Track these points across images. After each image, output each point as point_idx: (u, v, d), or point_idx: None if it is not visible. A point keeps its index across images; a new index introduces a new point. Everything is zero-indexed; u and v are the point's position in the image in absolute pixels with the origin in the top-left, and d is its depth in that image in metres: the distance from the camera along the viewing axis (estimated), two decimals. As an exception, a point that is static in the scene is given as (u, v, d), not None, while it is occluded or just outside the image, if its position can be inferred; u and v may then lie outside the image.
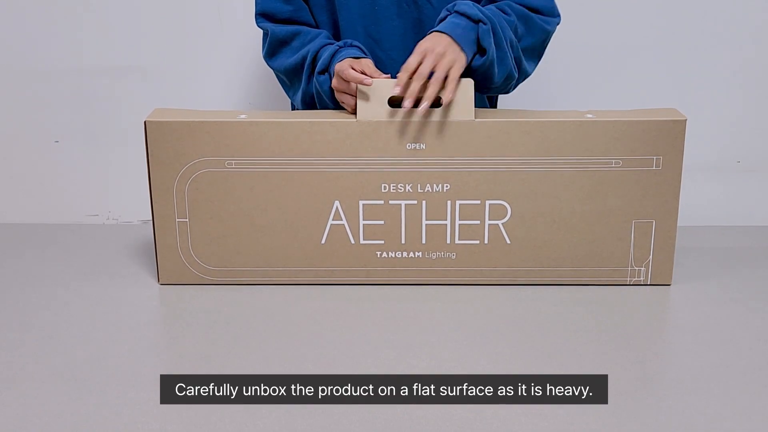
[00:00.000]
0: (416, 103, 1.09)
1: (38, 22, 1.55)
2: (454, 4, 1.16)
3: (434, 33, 1.12)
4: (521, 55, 1.19)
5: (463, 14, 1.14)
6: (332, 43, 1.21)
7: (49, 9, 1.54)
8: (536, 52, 1.23)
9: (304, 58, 1.20)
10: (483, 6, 1.20)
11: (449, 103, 1.10)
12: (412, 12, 1.23)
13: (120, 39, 1.56)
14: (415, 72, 1.09)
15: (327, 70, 1.18)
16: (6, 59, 1.56)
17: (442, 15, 1.17)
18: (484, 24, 1.13)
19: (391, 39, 1.24)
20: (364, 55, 1.17)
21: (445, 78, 1.10)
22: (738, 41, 1.55)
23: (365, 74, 1.12)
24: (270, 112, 1.19)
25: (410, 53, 1.14)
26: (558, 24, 1.23)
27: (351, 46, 1.19)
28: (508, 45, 1.16)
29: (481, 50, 1.14)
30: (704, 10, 1.53)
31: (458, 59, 1.11)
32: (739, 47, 1.55)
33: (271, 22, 1.25)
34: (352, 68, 1.12)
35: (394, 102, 1.11)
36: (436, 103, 1.11)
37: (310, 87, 1.21)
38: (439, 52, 1.10)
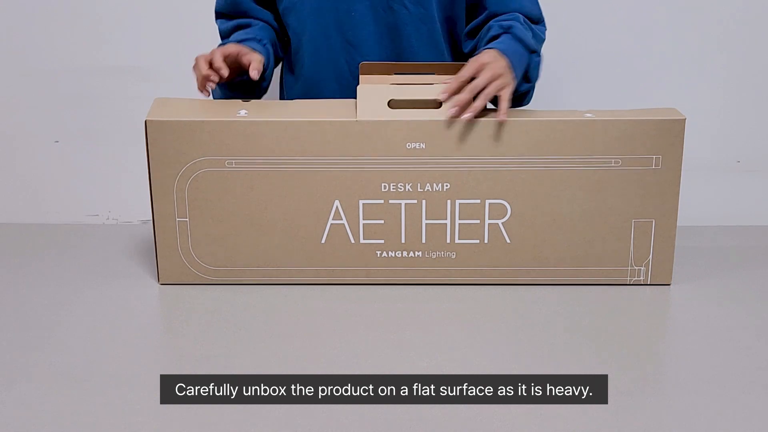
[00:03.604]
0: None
1: (38, 22, 1.55)
2: (510, 26, 1.16)
3: (493, 51, 1.12)
4: None
5: (520, 40, 1.15)
6: (252, 35, 1.22)
7: (49, 9, 1.54)
8: None
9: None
10: (483, 16, 1.22)
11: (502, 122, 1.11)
12: (388, 17, 1.24)
13: (120, 39, 1.56)
14: (465, 83, 1.10)
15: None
16: (6, 59, 1.56)
17: (495, 32, 1.17)
18: (537, 56, 1.16)
19: (368, 44, 1.25)
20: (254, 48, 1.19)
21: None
22: (738, 41, 1.55)
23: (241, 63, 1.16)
24: (268, 102, 1.19)
25: (387, 58, 1.20)
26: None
27: (259, 41, 1.21)
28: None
29: (525, 78, 1.17)
30: (704, 10, 1.53)
31: (510, 84, 1.12)
32: (739, 47, 1.55)
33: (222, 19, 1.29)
34: (221, 55, 1.14)
35: (394, 103, 1.12)
36: (439, 104, 1.12)
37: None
38: (497, 72, 1.10)
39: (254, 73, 1.15)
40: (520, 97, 1.22)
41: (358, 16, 1.23)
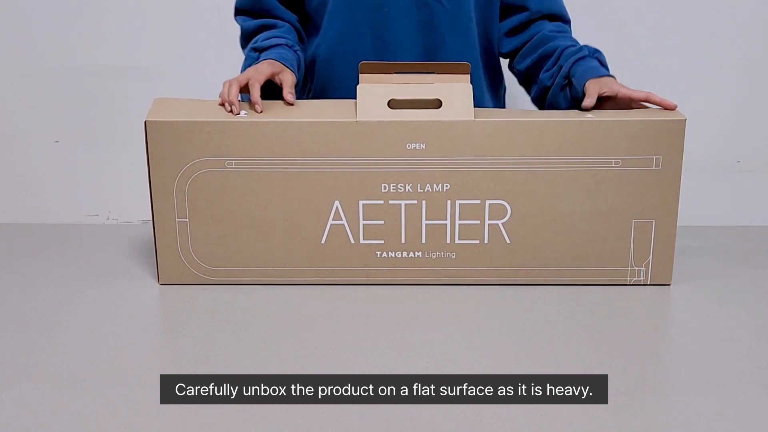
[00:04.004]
0: None
1: (38, 22, 1.55)
2: (595, 50, 1.24)
3: (610, 78, 1.19)
4: None
5: (604, 65, 1.23)
6: (282, 37, 1.23)
7: (49, 9, 1.54)
8: None
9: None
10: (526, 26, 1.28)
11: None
12: (423, 14, 1.23)
13: (120, 39, 1.56)
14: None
15: (259, 50, 1.22)
16: (6, 59, 1.56)
17: (583, 52, 1.22)
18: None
19: (400, 41, 1.24)
20: (292, 65, 1.20)
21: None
22: (738, 41, 1.55)
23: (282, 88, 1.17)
24: (268, 102, 1.19)
25: (418, 55, 1.21)
26: None
27: (290, 47, 1.22)
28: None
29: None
30: (704, 10, 1.54)
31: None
32: (739, 47, 1.55)
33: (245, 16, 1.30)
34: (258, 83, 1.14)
35: (394, 103, 1.12)
36: (439, 104, 1.12)
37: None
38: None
39: (290, 98, 1.16)
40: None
41: (393, 13, 1.23)
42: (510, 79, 1.38)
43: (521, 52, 1.29)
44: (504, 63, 1.36)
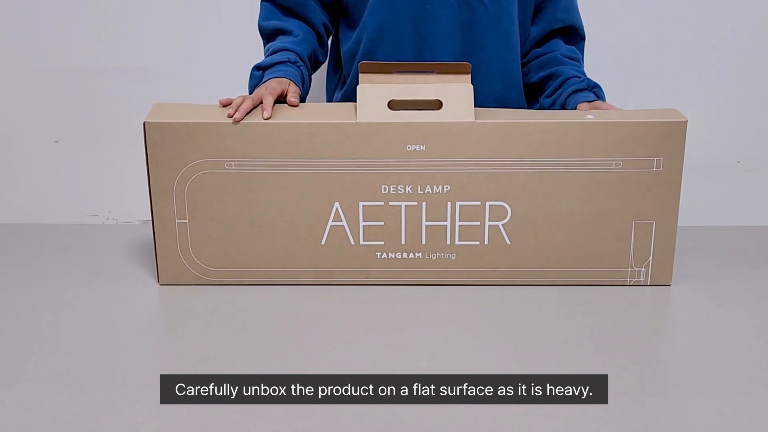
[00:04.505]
0: None
1: (39, 22, 1.55)
2: (595, 84, 1.27)
3: (602, 102, 1.23)
4: None
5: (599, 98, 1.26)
6: (289, 51, 1.24)
7: (49, 9, 1.54)
8: None
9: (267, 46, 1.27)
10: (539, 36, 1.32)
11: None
12: (464, 12, 1.23)
13: (120, 39, 1.56)
14: None
15: (263, 69, 1.23)
16: (6, 59, 1.56)
17: (582, 85, 1.26)
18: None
19: (440, 38, 1.24)
20: (297, 80, 1.21)
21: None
22: (738, 41, 1.55)
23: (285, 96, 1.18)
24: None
25: (457, 54, 1.23)
26: None
27: (295, 64, 1.23)
28: None
29: None
30: (704, 10, 1.53)
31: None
32: (739, 47, 1.55)
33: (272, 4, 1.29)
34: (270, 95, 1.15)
35: (394, 104, 1.12)
36: (439, 104, 1.12)
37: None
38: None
39: (293, 100, 1.17)
40: None
41: (433, 9, 1.23)
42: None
43: (531, 63, 1.33)
44: None
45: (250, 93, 1.21)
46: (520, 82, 1.31)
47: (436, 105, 1.12)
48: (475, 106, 1.14)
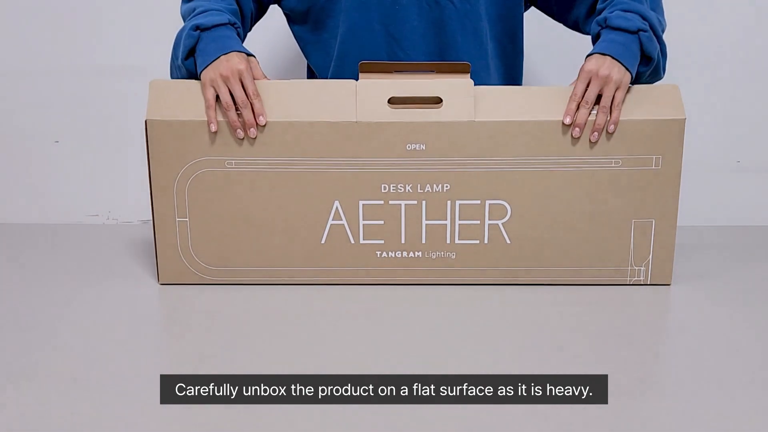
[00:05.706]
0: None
1: (38, 22, 1.55)
2: (605, 18, 1.14)
3: (596, 55, 1.11)
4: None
5: (618, 29, 1.12)
6: (220, 11, 1.14)
7: (49, 9, 1.54)
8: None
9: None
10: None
11: (614, 131, 1.11)
12: (434, 12, 1.23)
13: (120, 39, 1.56)
14: (580, 99, 1.10)
15: (201, 29, 1.13)
16: (6, 59, 1.56)
17: (594, 31, 1.15)
18: (645, 32, 1.11)
19: (412, 38, 1.24)
20: (240, 44, 1.13)
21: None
22: (738, 41, 1.55)
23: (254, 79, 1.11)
24: (267, 102, 1.19)
25: (429, 53, 1.19)
26: None
27: (234, 25, 1.14)
28: (662, 34, 1.15)
29: (646, 57, 1.13)
30: (704, 10, 1.53)
31: (623, 79, 1.10)
32: (739, 47, 1.55)
33: None
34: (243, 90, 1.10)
35: (394, 102, 1.12)
36: (439, 101, 1.12)
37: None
38: (603, 75, 1.09)
39: (263, 75, 1.14)
40: (653, 74, 1.17)
41: (403, 10, 1.23)
42: (528, 80, 1.37)
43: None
44: (525, 63, 1.35)
45: (184, 52, 1.14)
46: (490, 77, 1.29)
47: (436, 102, 1.12)
48: None
